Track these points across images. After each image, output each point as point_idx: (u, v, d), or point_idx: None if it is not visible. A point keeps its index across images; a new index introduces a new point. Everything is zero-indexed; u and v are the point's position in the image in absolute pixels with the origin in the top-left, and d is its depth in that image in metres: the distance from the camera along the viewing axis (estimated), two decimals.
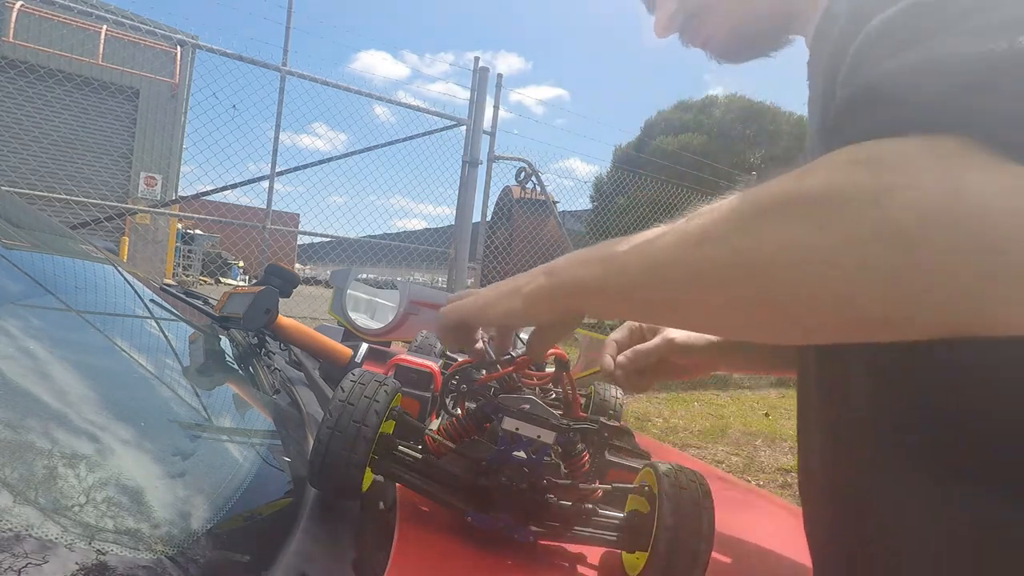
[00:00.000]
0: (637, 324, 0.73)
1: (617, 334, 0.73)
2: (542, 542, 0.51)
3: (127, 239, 8.21)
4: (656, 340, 0.70)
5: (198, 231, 13.09)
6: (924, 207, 0.27)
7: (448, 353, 0.79)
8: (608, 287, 0.41)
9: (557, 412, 0.54)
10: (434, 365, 0.67)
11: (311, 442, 0.49)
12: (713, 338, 0.69)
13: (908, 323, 0.30)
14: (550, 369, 0.68)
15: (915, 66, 0.30)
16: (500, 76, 4.98)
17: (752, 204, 0.33)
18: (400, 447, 0.52)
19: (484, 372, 0.59)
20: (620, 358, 0.70)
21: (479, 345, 0.57)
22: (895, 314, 0.29)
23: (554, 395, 0.70)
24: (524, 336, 0.70)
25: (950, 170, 0.27)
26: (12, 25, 3.76)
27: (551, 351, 0.58)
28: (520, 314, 0.47)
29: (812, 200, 0.30)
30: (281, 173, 4.51)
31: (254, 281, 1.10)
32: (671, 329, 0.69)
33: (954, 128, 0.28)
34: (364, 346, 0.93)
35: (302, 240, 13.04)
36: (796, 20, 0.53)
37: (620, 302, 0.42)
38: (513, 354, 0.56)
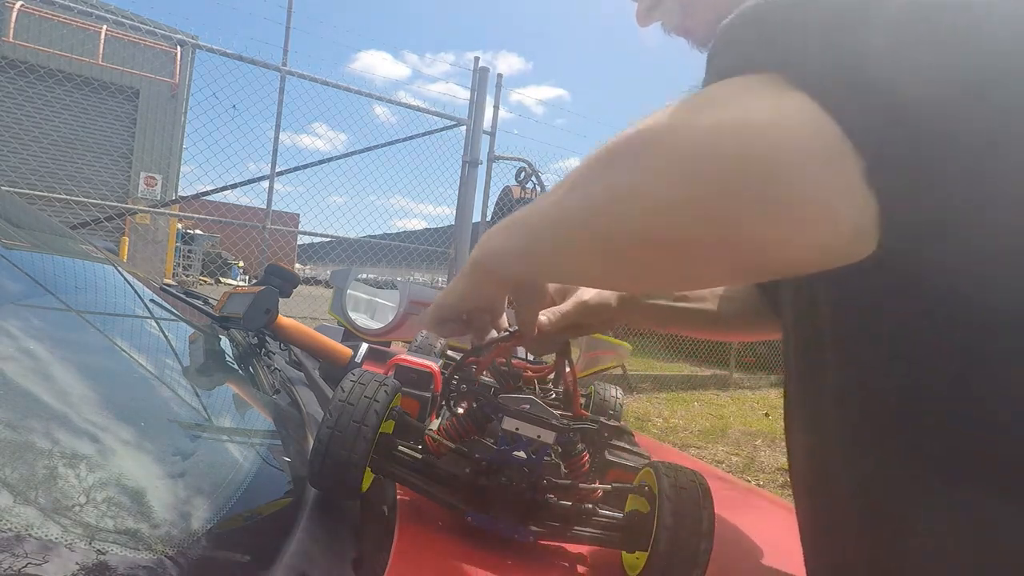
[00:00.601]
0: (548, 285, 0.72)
1: None
2: (542, 542, 0.51)
3: (127, 239, 8.20)
4: (569, 304, 0.68)
5: (198, 231, 13.08)
6: (701, 131, 0.29)
7: (448, 353, 0.79)
8: (519, 250, 0.42)
9: (557, 412, 0.54)
10: (434, 365, 0.67)
11: (311, 442, 0.49)
12: (623, 295, 0.69)
13: (699, 247, 0.31)
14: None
15: (735, 18, 0.33)
16: (500, 76, 4.97)
17: (604, 150, 0.34)
18: (400, 447, 0.52)
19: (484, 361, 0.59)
20: (542, 318, 0.67)
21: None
22: (687, 237, 0.31)
23: (554, 395, 0.70)
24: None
25: (730, 101, 0.30)
26: (12, 25, 3.76)
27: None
28: (465, 293, 0.48)
29: (642, 141, 0.32)
30: (281, 173, 4.50)
31: (254, 281, 1.10)
32: (584, 290, 0.68)
33: (757, 67, 0.31)
34: (364, 346, 0.93)
35: (302, 240, 13.03)
36: None
37: (531, 263, 0.43)
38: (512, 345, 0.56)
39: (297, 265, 14.54)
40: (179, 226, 11.20)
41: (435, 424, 0.60)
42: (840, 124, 0.27)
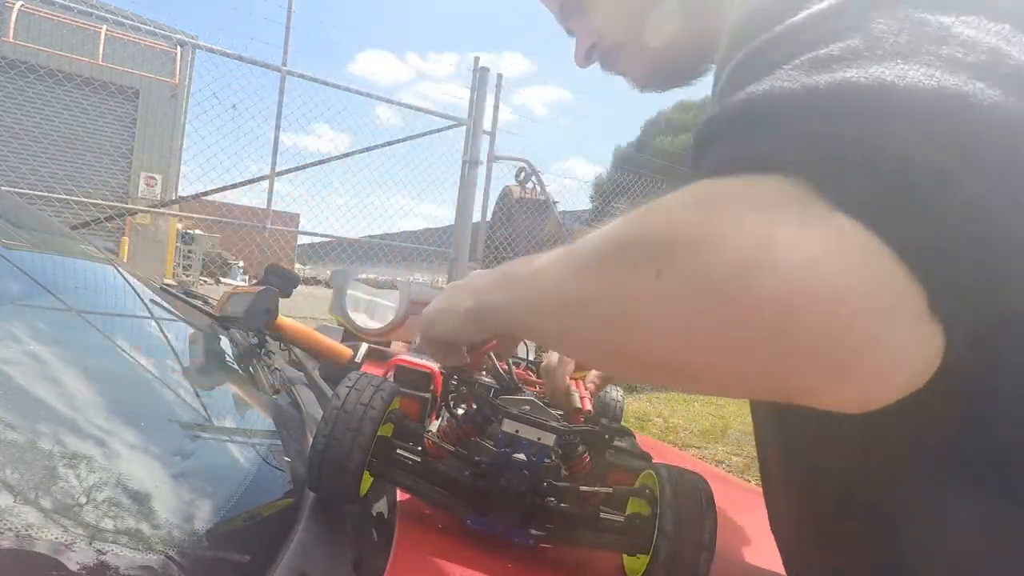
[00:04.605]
0: None
1: None
2: (542, 545, 0.50)
3: (127, 239, 8.19)
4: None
5: (198, 231, 13.08)
6: (732, 260, 0.25)
7: None
8: (514, 312, 0.41)
9: (557, 413, 0.53)
10: (434, 366, 0.67)
11: (311, 442, 0.49)
12: None
13: (721, 380, 0.29)
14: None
15: (746, 102, 0.29)
16: (500, 76, 4.97)
17: (619, 244, 0.32)
18: (399, 450, 0.52)
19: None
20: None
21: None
22: (709, 370, 0.28)
23: None
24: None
25: (765, 221, 0.25)
26: (12, 25, 3.76)
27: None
28: (457, 333, 0.49)
29: (663, 256, 0.28)
30: (281, 173, 4.49)
31: (254, 281, 1.10)
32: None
33: (783, 168, 0.27)
34: (364, 346, 0.93)
35: (302, 240, 13.02)
36: (711, 50, 0.52)
37: (526, 327, 0.42)
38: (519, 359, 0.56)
39: (297, 265, 14.51)
40: (179, 226, 11.19)
41: (435, 426, 0.60)
42: (896, 253, 0.23)
